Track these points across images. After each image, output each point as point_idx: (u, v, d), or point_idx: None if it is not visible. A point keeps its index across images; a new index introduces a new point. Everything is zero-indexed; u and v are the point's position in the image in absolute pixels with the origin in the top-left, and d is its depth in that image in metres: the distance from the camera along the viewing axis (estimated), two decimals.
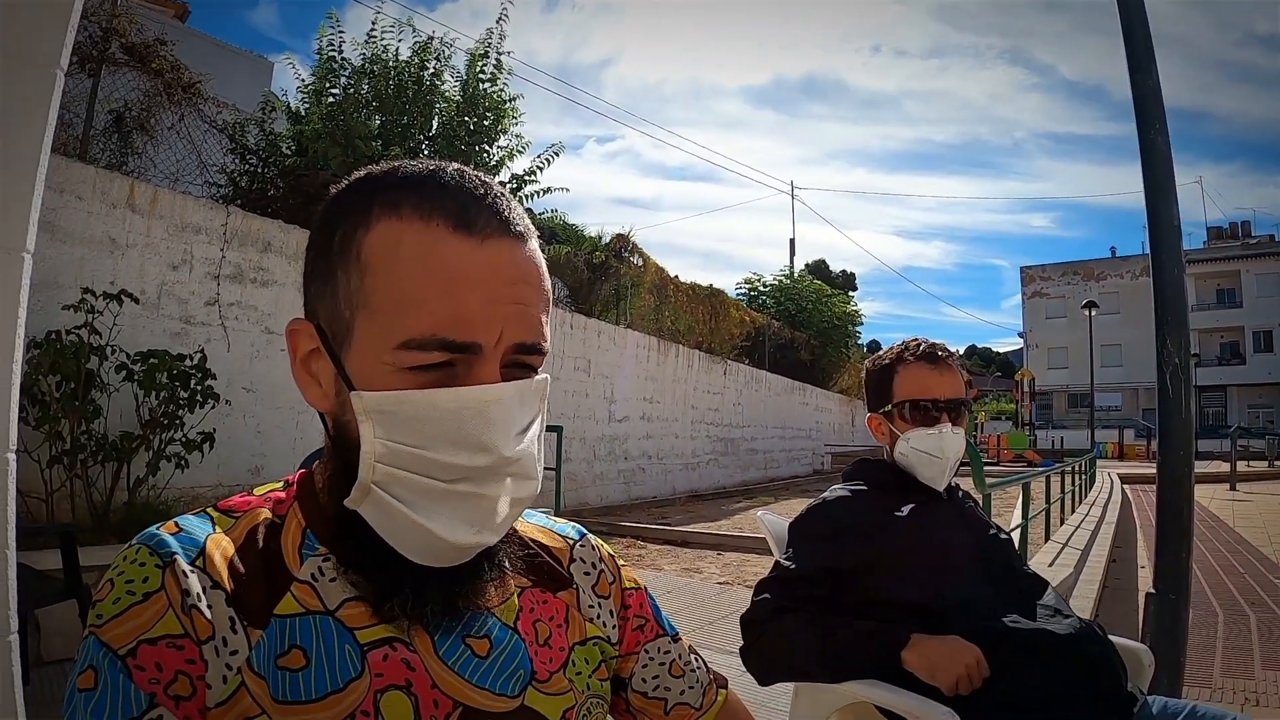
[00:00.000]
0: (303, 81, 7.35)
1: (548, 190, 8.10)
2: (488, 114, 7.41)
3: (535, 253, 0.56)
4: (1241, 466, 15.64)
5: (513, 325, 0.53)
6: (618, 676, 0.71)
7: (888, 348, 1.62)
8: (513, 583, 0.63)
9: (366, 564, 0.55)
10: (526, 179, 7.84)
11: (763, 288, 21.64)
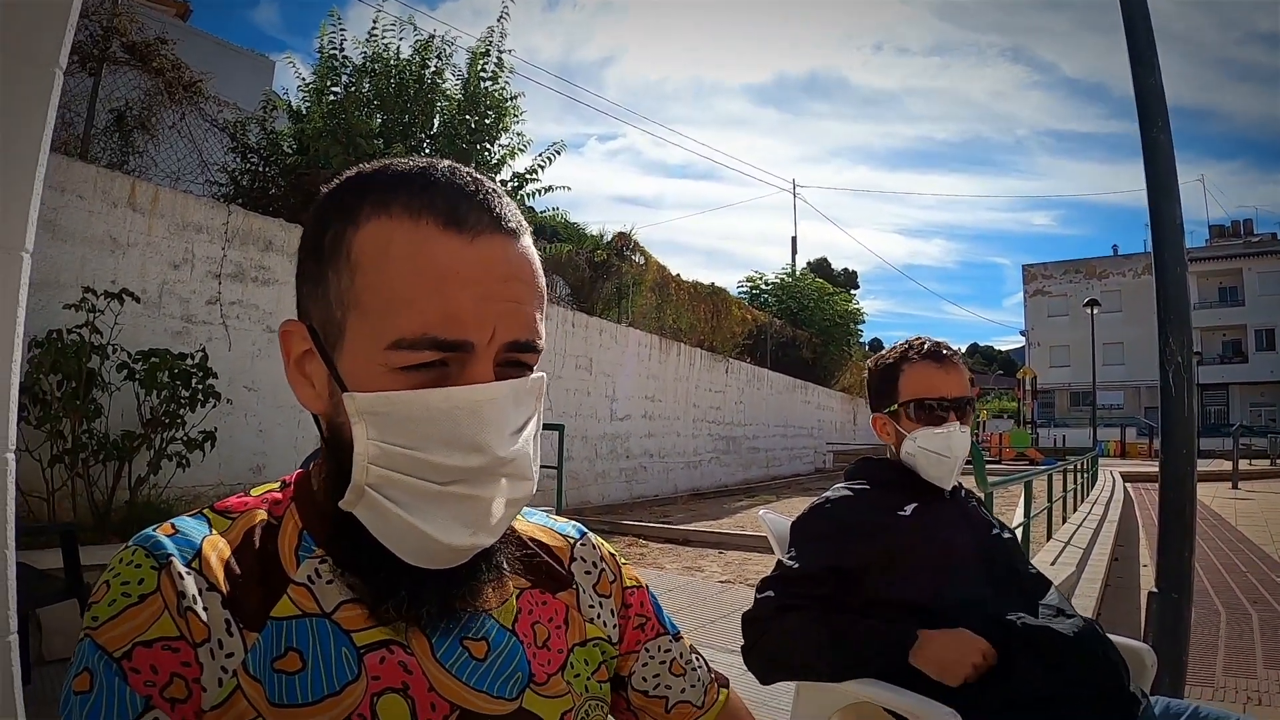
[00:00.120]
0: (304, 80, 7.34)
1: (549, 189, 8.07)
2: (489, 112, 7.39)
3: (528, 249, 0.55)
4: (1244, 465, 15.67)
5: (506, 323, 0.52)
6: (618, 675, 0.70)
7: (890, 347, 1.62)
8: (511, 584, 0.63)
9: (362, 566, 0.54)
10: (528, 177, 7.82)
11: (764, 286, 21.62)
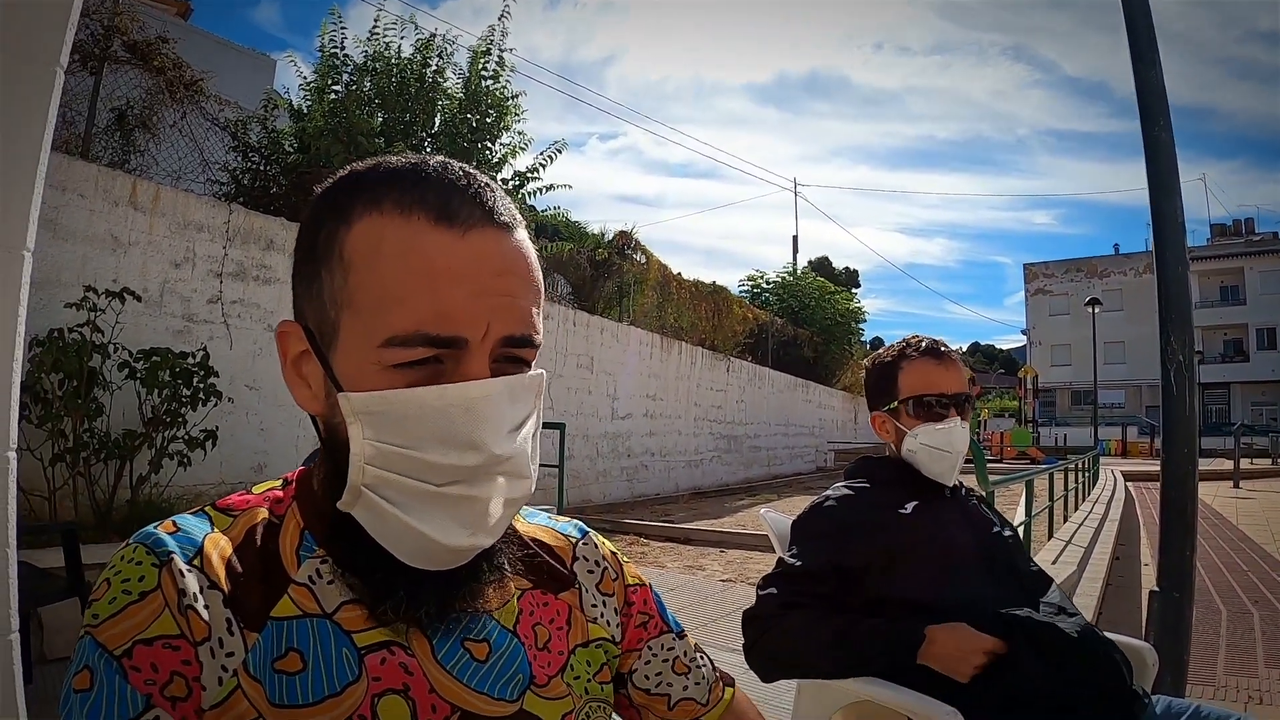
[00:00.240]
0: (305, 79, 7.36)
1: (550, 187, 8.09)
2: (490, 111, 7.40)
3: (523, 243, 0.55)
4: (1245, 464, 15.68)
5: (500, 318, 0.51)
6: (619, 673, 0.70)
7: (887, 345, 1.62)
8: (513, 585, 0.62)
9: (361, 566, 0.54)
10: (529, 176, 7.82)
11: (766, 285, 21.57)
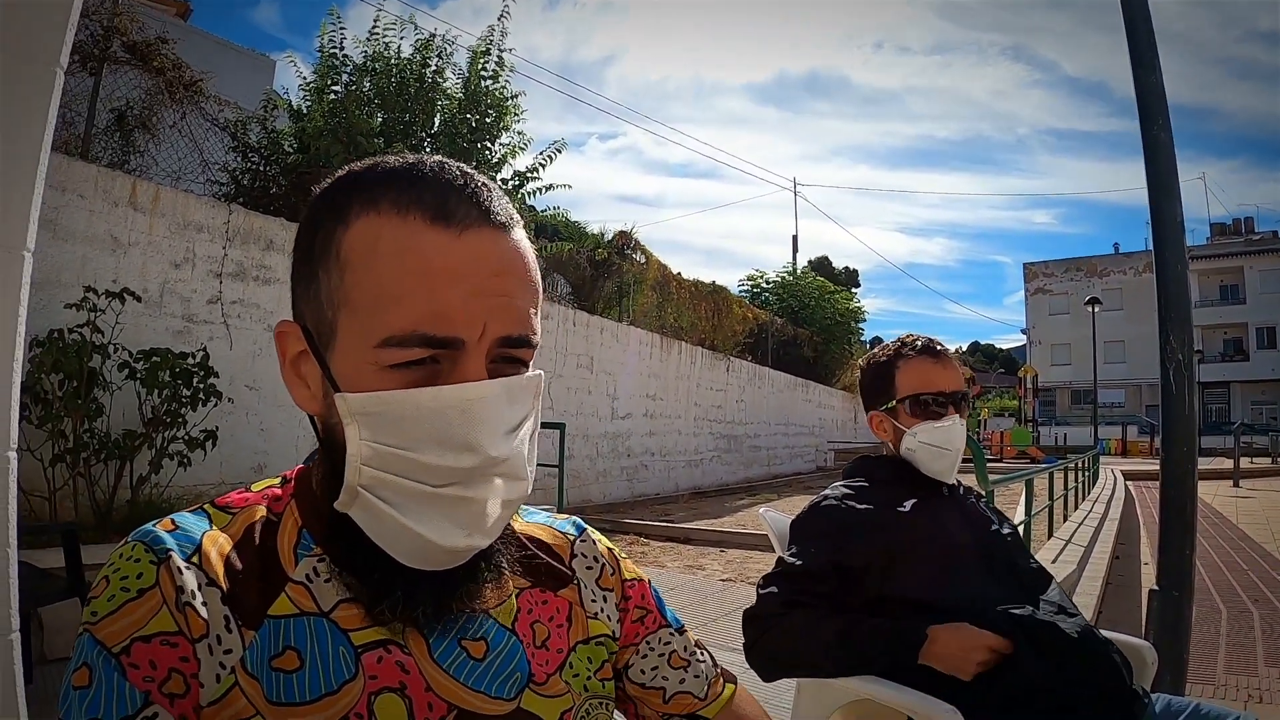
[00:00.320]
0: (304, 79, 7.35)
1: (550, 187, 8.08)
2: (490, 111, 7.39)
3: (521, 242, 0.55)
4: (1245, 463, 15.68)
5: (497, 318, 0.51)
6: (616, 667, 0.70)
7: (882, 345, 1.62)
8: (511, 584, 0.62)
9: (358, 566, 0.54)
10: (529, 176, 7.82)
11: (765, 284, 21.58)
